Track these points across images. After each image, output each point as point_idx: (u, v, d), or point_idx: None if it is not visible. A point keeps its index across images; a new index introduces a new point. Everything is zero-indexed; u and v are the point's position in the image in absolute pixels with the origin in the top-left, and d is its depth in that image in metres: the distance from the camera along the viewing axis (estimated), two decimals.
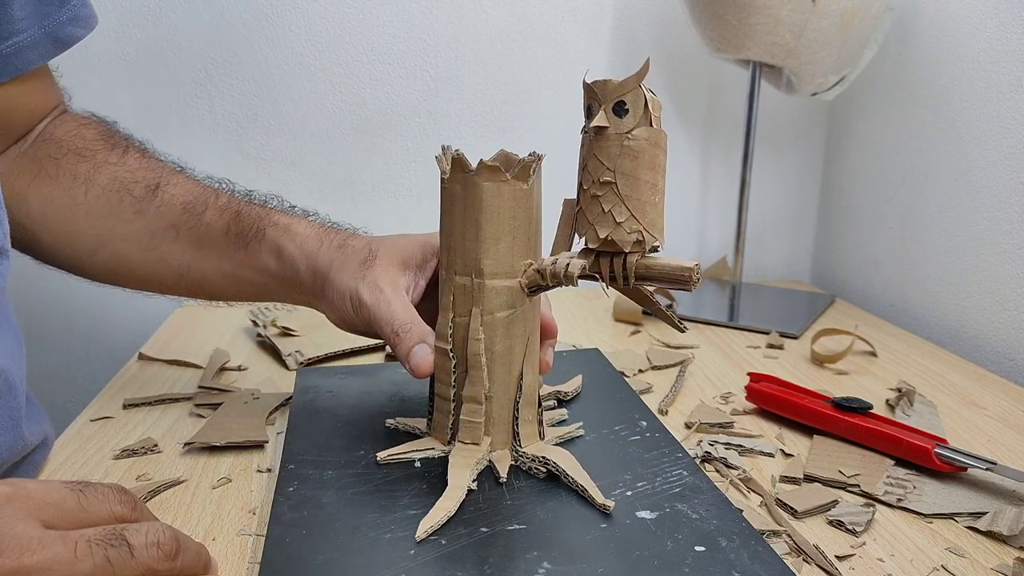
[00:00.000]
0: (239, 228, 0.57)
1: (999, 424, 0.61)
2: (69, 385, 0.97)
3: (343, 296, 0.54)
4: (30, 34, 0.55)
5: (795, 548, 0.44)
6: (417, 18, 0.95)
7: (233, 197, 0.59)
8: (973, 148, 0.79)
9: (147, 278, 0.60)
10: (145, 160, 0.60)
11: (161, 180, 0.59)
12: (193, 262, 0.58)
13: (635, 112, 0.43)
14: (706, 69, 1.01)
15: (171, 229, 0.58)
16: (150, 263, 0.59)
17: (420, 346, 0.50)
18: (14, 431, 0.48)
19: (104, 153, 0.60)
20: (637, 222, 0.45)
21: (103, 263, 0.59)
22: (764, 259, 1.10)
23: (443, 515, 0.43)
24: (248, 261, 0.57)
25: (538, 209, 0.49)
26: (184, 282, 0.59)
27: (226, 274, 0.58)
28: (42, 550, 0.30)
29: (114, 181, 0.58)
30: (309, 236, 0.56)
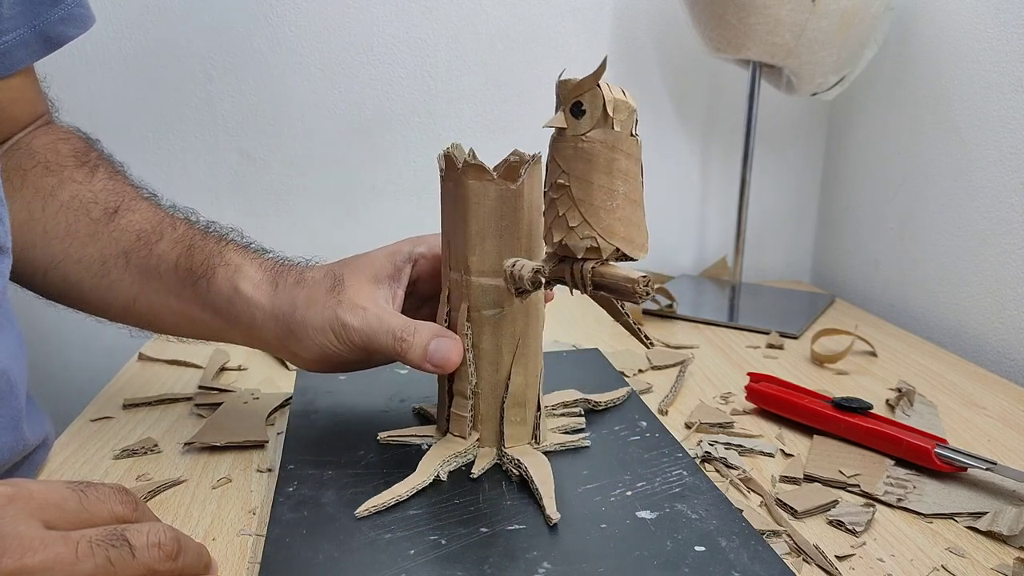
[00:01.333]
0: (189, 263, 0.54)
1: (999, 424, 0.61)
2: (69, 385, 0.97)
3: (321, 330, 0.50)
4: (19, 33, 0.54)
5: (795, 548, 0.44)
6: (417, 18, 0.95)
7: (191, 228, 0.56)
8: (973, 148, 0.79)
9: (97, 305, 0.57)
10: (112, 182, 0.57)
11: (121, 205, 0.56)
12: (141, 294, 0.55)
13: (592, 113, 0.42)
14: (706, 69, 1.01)
15: (122, 256, 0.54)
16: (99, 290, 0.55)
17: (437, 340, 0.49)
18: (15, 431, 0.48)
19: (71, 170, 0.57)
20: (590, 227, 0.44)
21: (54, 284, 0.56)
22: (764, 259, 1.10)
23: (390, 497, 0.45)
24: (197, 300, 0.54)
25: (533, 210, 0.48)
26: (132, 313, 0.56)
27: (174, 311, 0.55)
28: (44, 550, 0.30)
29: (75, 200, 0.55)
30: (260, 280, 0.53)
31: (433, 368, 0.49)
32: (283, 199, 0.97)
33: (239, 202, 0.96)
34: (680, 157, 1.05)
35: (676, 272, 1.08)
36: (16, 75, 0.56)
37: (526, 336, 0.49)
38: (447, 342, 0.48)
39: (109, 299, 0.56)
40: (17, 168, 0.56)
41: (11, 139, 0.58)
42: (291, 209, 0.98)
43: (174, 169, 0.94)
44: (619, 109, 0.43)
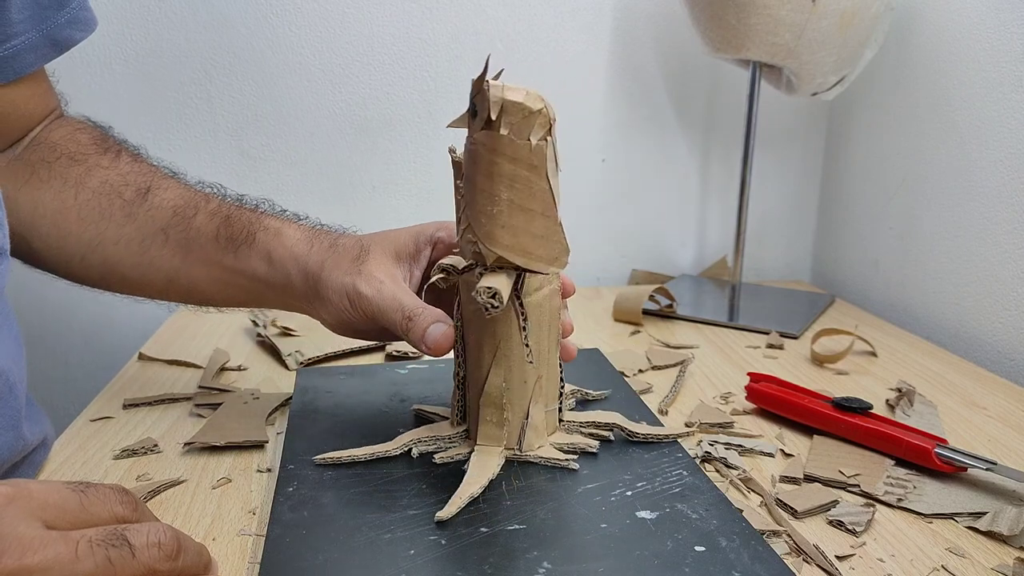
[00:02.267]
0: (229, 232, 0.56)
1: (999, 424, 0.61)
2: (69, 385, 0.97)
3: (339, 294, 0.53)
4: (28, 37, 0.54)
5: (795, 548, 0.44)
6: (417, 18, 0.95)
7: (224, 201, 0.59)
8: (973, 148, 0.79)
9: (138, 283, 0.59)
10: (137, 164, 0.60)
11: (152, 184, 0.58)
12: (182, 267, 0.57)
13: (481, 114, 0.41)
14: (706, 69, 1.01)
15: (160, 233, 0.57)
16: (140, 268, 0.58)
17: (435, 324, 0.50)
18: (14, 431, 0.48)
19: (96, 157, 0.59)
20: (473, 231, 0.43)
21: (94, 268, 0.58)
22: (764, 259, 1.10)
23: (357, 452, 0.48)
24: (238, 266, 0.56)
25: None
26: (174, 287, 0.58)
27: (216, 279, 0.57)
28: (43, 550, 0.30)
29: (105, 184, 0.58)
30: (299, 239, 0.56)
31: (427, 349, 0.50)
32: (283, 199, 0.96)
33: None
34: (680, 157, 1.05)
35: (676, 272, 1.08)
36: (29, 75, 0.57)
37: (508, 339, 0.48)
38: (442, 327, 0.50)
39: (151, 275, 0.58)
40: (42, 161, 0.58)
41: (28, 135, 0.60)
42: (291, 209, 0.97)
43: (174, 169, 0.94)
44: (510, 111, 0.41)
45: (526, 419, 0.50)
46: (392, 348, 0.74)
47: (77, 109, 0.64)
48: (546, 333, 0.49)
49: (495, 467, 0.48)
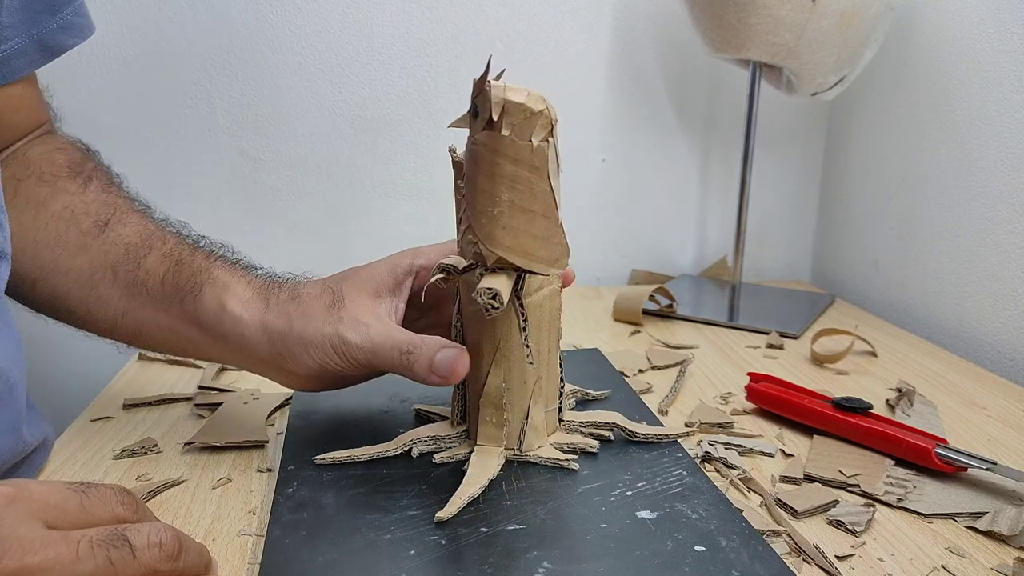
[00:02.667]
0: (176, 279, 0.52)
1: (999, 424, 0.61)
2: (69, 385, 0.97)
3: (320, 347, 0.49)
4: (17, 42, 0.53)
5: (795, 548, 0.44)
6: (417, 18, 0.95)
7: (180, 242, 0.55)
8: (973, 148, 0.79)
9: (84, 318, 0.55)
10: (104, 194, 0.56)
11: (112, 217, 0.55)
12: (128, 309, 0.53)
13: (483, 115, 0.41)
14: (706, 69, 1.01)
15: (110, 270, 0.53)
16: (87, 303, 0.54)
17: (443, 351, 0.48)
18: (14, 433, 0.48)
19: (65, 180, 0.56)
20: (474, 232, 0.43)
21: (43, 296, 0.55)
22: (764, 259, 1.10)
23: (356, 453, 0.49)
24: (183, 316, 0.52)
25: None
26: (120, 328, 0.54)
27: (161, 327, 0.53)
28: (44, 550, 0.30)
29: (66, 210, 0.55)
30: (250, 297, 0.52)
31: (439, 380, 0.48)
32: (283, 199, 0.97)
33: (239, 202, 0.96)
34: (680, 157, 1.05)
35: (676, 272, 1.08)
36: (16, 83, 0.56)
37: (508, 339, 0.48)
38: (453, 352, 0.48)
39: (96, 313, 0.54)
40: (12, 178, 0.55)
41: (10, 148, 0.58)
42: (291, 209, 0.98)
43: (174, 169, 0.94)
44: (511, 112, 0.41)
45: (526, 419, 0.50)
46: None
47: (76, 110, 0.64)
48: (546, 334, 0.49)
49: (495, 467, 0.48)
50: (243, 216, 0.97)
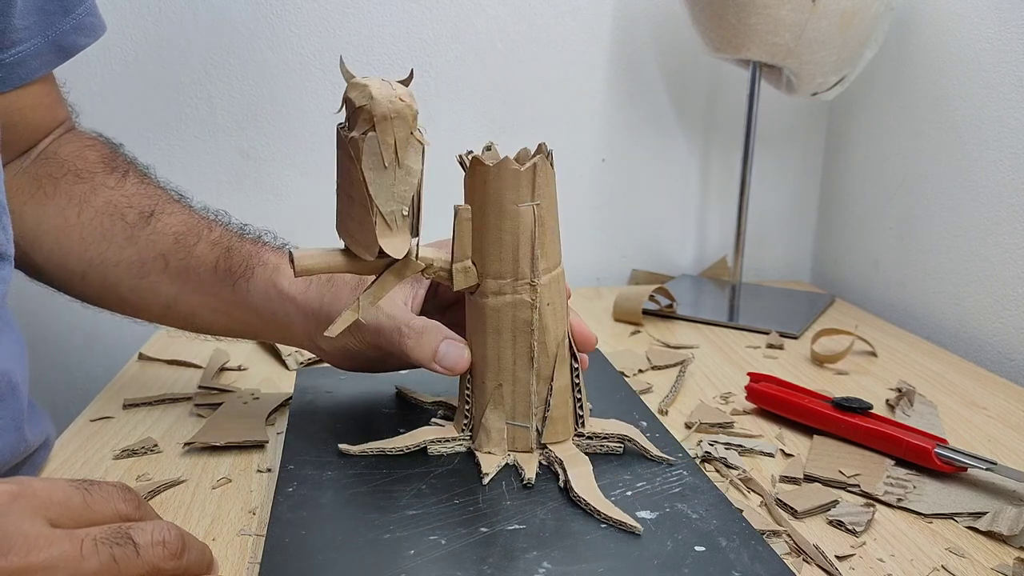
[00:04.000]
0: (228, 264, 0.55)
1: (999, 424, 0.61)
2: (69, 385, 0.97)
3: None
4: (33, 43, 0.54)
5: (795, 548, 0.44)
6: (417, 18, 0.95)
7: (227, 230, 0.58)
8: (973, 148, 0.80)
9: (136, 306, 0.58)
10: (143, 186, 0.59)
11: (156, 208, 0.58)
12: (181, 294, 0.56)
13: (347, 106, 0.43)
14: (706, 69, 1.01)
15: (161, 259, 0.56)
16: (139, 291, 0.57)
17: (447, 342, 0.49)
18: (16, 432, 0.48)
19: (103, 176, 0.58)
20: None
21: (93, 287, 0.58)
22: (764, 259, 1.10)
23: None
24: (236, 299, 0.55)
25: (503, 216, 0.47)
26: (172, 313, 0.58)
27: (214, 309, 0.56)
28: (48, 548, 0.30)
29: (109, 205, 0.57)
30: (298, 278, 0.54)
31: (443, 369, 0.49)
32: (283, 199, 0.97)
33: (239, 202, 0.96)
34: (680, 157, 1.05)
35: (676, 272, 1.08)
36: (35, 83, 0.57)
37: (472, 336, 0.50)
38: (457, 345, 0.49)
39: (149, 300, 0.57)
40: (48, 176, 0.57)
41: (37, 147, 0.59)
42: (291, 209, 0.98)
43: (174, 169, 0.94)
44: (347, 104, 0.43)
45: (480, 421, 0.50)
46: None
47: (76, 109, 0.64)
48: (509, 342, 0.49)
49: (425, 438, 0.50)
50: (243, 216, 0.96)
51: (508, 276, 0.48)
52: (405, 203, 0.44)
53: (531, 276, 0.47)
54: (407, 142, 0.43)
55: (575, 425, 0.51)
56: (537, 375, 0.49)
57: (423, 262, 0.48)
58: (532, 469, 0.48)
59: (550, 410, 0.50)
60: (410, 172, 0.43)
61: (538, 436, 0.50)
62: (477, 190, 0.47)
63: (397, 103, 0.42)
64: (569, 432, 0.51)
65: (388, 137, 0.42)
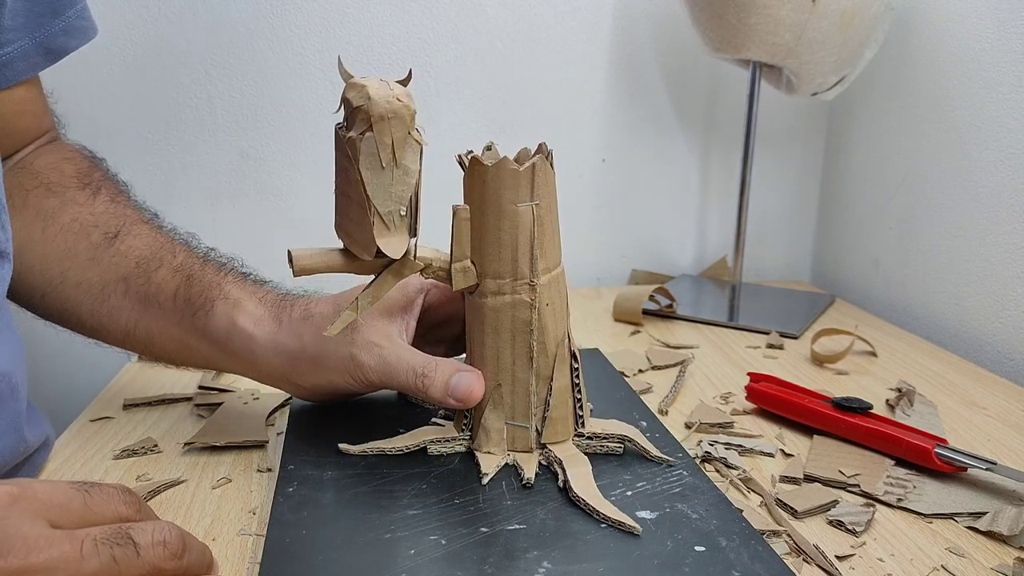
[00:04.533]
0: (187, 294, 0.53)
1: (999, 424, 0.61)
2: (69, 385, 0.97)
3: (334, 369, 0.51)
4: (20, 45, 0.53)
5: (795, 548, 0.44)
6: (417, 18, 0.95)
7: (190, 255, 0.55)
8: (973, 148, 0.80)
9: (95, 329, 0.56)
10: (113, 205, 0.57)
11: (122, 229, 0.55)
12: (140, 321, 0.54)
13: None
14: (706, 69, 1.01)
15: (122, 282, 0.54)
16: (98, 315, 0.55)
17: (457, 375, 0.48)
18: (16, 433, 0.48)
19: (74, 191, 0.56)
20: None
21: (53, 306, 0.56)
22: (764, 259, 1.10)
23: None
24: (196, 330, 0.53)
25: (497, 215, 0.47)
26: (131, 338, 0.55)
27: (172, 338, 0.54)
28: (48, 549, 0.30)
29: (75, 223, 0.55)
30: (263, 316, 0.52)
31: (455, 402, 0.49)
32: (283, 199, 0.97)
33: (239, 202, 0.96)
34: (680, 157, 1.05)
35: (676, 272, 1.08)
36: (20, 87, 0.56)
37: (469, 339, 0.51)
38: (469, 376, 0.49)
39: (107, 324, 0.55)
40: (20, 187, 0.55)
41: (17, 155, 0.58)
42: (291, 209, 0.98)
43: (174, 169, 0.94)
44: (345, 105, 0.44)
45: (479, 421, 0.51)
46: None
47: (76, 110, 0.64)
48: (508, 342, 0.49)
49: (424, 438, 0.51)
50: (243, 216, 0.97)
51: (507, 276, 0.48)
52: (403, 203, 0.44)
53: (530, 276, 0.47)
54: (404, 142, 0.43)
55: (575, 425, 0.51)
56: (536, 375, 0.49)
57: (421, 262, 0.47)
58: (531, 469, 0.48)
59: (550, 410, 0.50)
60: (408, 172, 0.43)
61: (538, 436, 0.50)
62: (476, 190, 0.47)
63: (395, 103, 0.42)
64: (569, 432, 0.51)
65: (385, 137, 0.42)
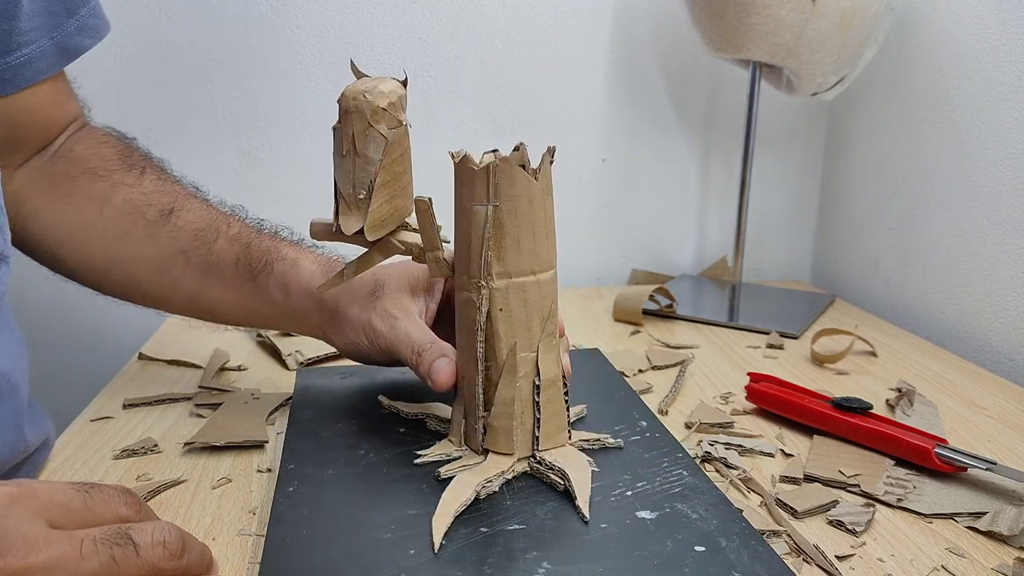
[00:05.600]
0: (248, 260, 0.58)
1: (999, 424, 0.61)
2: (69, 385, 0.97)
3: (356, 329, 0.55)
4: (38, 45, 0.55)
5: (795, 548, 0.44)
6: (417, 18, 0.95)
7: (245, 226, 0.60)
8: (973, 148, 0.80)
9: (158, 300, 0.61)
10: (161, 183, 0.61)
11: (175, 205, 0.60)
12: (203, 289, 0.59)
13: None
14: (706, 69, 1.01)
15: (182, 255, 0.58)
16: (161, 287, 0.59)
17: (440, 359, 0.51)
18: (16, 431, 0.48)
19: (120, 174, 0.60)
20: None
21: (116, 283, 0.60)
22: (764, 259, 1.10)
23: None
24: (256, 293, 0.58)
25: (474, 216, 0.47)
26: (193, 306, 0.60)
27: (234, 304, 0.59)
28: (48, 549, 0.30)
29: (128, 203, 0.59)
30: (314, 272, 0.57)
31: (431, 383, 0.51)
32: (283, 199, 0.97)
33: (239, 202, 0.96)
34: (680, 157, 1.05)
35: (676, 272, 1.08)
36: (44, 83, 0.57)
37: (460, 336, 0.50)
38: (446, 363, 0.51)
39: (171, 295, 0.60)
40: (65, 175, 0.59)
41: (52, 145, 0.60)
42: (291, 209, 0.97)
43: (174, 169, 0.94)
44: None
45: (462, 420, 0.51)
46: None
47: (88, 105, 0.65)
48: (464, 339, 0.49)
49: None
50: None
51: (464, 274, 0.48)
52: (362, 187, 0.47)
53: (480, 277, 0.47)
54: (365, 134, 0.46)
55: (532, 445, 0.49)
56: (486, 378, 0.49)
57: (403, 245, 0.50)
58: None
59: (489, 419, 0.49)
60: (369, 161, 0.47)
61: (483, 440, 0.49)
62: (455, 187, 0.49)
63: (359, 99, 0.46)
64: (512, 448, 0.49)
65: (348, 129, 0.46)
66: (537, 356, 0.48)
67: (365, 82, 0.47)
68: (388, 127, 0.47)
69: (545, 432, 0.49)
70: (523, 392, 0.48)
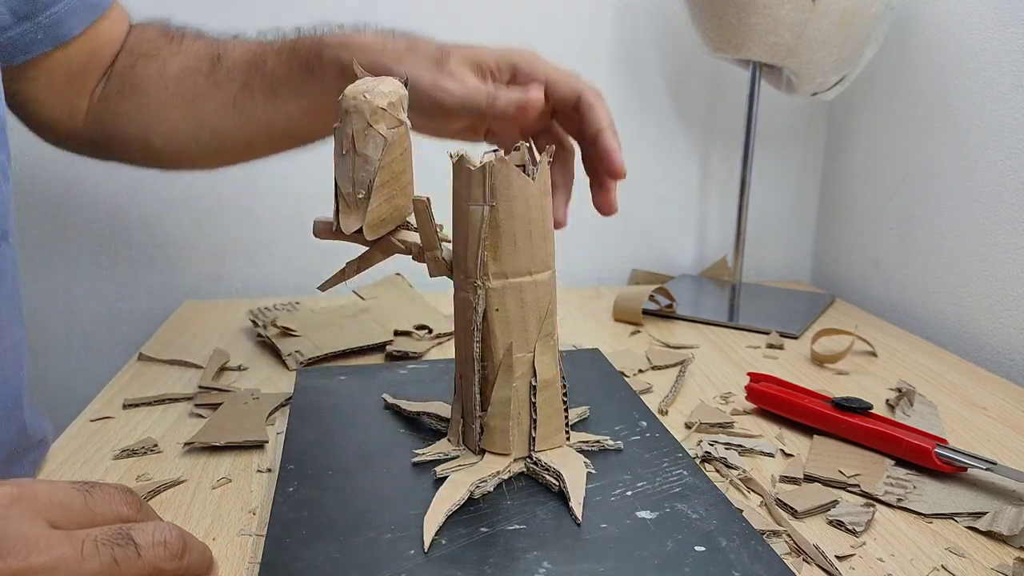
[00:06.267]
0: (299, 61, 0.60)
1: (999, 424, 0.61)
2: (69, 385, 0.97)
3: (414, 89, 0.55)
4: (67, 2, 0.58)
5: (795, 548, 0.44)
6: (417, 18, 0.95)
7: (285, 41, 0.63)
8: (974, 148, 0.80)
9: (248, 143, 0.64)
10: (200, 41, 0.65)
11: (219, 51, 0.64)
12: (274, 112, 0.62)
13: None
14: (706, 69, 1.01)
15: (245, 88, 0.62)
16: (242, 126, 0.63)
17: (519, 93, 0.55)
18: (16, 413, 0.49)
19: (166, 49, 0.65)
20: None
21: (208, 144, 0.64)
22: (764, 259, 1.10)
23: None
24: (319, 88, 0.60)
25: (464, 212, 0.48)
26: (277, 132, 0.63)
27: (307, 109, 0.61)
28: (49, 550, 0.30)
29: (183, 69, 0.63)
30: (369, 42, 0.59)
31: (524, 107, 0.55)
32: (283, 199, 0.97)
33: (239, 202, 0.96)
34: (680, 157, 1.05)
35: (676, 272, 1.08)
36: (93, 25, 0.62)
37: (459, 334, 0.50)
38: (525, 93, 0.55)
39: (253, 130, 0.63)
40: (127, 68, 0.64)
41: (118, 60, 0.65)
42: (291, 209, 0.98)
43: None
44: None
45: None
46: (392, 348, 0.74)
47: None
48: (462, 337, 0.49)
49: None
50: (243, 215, 0.97)
51: (461, 274, 0.48)
52: (362, 187, 0.47)
53: (476, 277, 0.47)
54: (364, 134, 0.46)
55: (529, 446, 0.49)
56: (483, 378, 0.49)
57: (403, 244, 0.50)
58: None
59: (486, 418, 0.49)
60: (368, 161, 0.47)
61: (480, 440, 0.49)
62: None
63: (359, 99, 0.46)
64: (509, 448, 0.49)
65: (347, 128, 0.47)
66: (534, 357, 0.48)
67: (366, 82, 0.47)
68: (388, 127, 0.47)
69: (542, 433, 0.49)
70: (519, 392, 0.48)
